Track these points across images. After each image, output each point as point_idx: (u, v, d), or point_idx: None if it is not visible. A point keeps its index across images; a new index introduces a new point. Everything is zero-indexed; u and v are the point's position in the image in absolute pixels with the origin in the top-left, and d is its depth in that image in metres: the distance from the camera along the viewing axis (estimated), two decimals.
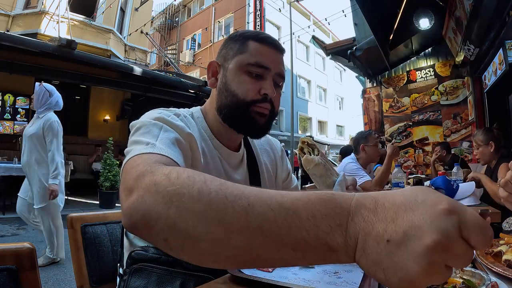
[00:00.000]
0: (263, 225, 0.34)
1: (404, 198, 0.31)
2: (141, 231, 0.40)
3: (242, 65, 0.81)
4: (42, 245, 3.73)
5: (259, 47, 0.82)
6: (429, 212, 0.29)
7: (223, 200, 0.36)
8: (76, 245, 0.90)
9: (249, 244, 0.35)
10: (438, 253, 0.28)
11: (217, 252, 0.36)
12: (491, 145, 2.27)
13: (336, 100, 26.45)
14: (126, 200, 0.43)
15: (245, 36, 0.84)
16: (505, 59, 3.59)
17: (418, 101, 6.70)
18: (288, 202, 0.35)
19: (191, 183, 0.39)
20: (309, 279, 0.62)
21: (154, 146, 0.57)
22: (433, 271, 0.28)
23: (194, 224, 0.36)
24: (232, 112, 0.81)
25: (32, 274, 0.61)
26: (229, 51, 0.85)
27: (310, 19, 20.62)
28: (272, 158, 1.03)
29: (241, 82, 0.81)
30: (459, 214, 0.29)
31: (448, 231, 0.28)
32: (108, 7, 9.94)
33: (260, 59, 0.81)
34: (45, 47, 6.17)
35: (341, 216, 0.32)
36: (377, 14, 4.21)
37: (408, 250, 0.28)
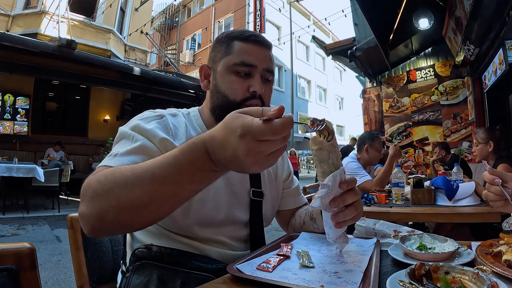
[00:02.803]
0: (164, 180, 0.51)
1: (222, 134, 0.49)
2: (99, 228, 0.55)
3: (229, 66, 0.83)
4: (42, 245, 3.73)
5: (243, 46, 0.84)
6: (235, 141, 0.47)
7: (137, 177, 0.53)
8: (76, 245, 0.90)
9: (164, 192, 0.52)
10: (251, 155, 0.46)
11: (152, 210, 0.53)
12: (490, 144, 2.27)
13: (336, 100, 26.44)
14: (80, 210, 0.57)
15: (230, 37, 0.86)
16: (505, 59, 3.59)
17: (418, 101, 6.70)
18: (172, 159, 0.52)
19: (114, 178, 0.55)
20: (309, 279, 0.62)
21: (114, 157, 0.68)
22: (259, 160, 0.47)
23: (129, 200, 0.52)
24: (224, 112, 0.81)
25: (32, 274, 0.61)
26: (217, 53, 0.87)
27: (310, 19, 20.62)
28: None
29: (230, 83, 0.82)
30: (249, 132, 0.46)
31: (247, 146, 0.46)
32: (108, 7, 9.94)
33: (245, 58, 0.82)
34: (45, 47, 6.18)
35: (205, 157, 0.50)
36: (377, 14, 4.20)
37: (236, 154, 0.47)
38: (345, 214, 0.70)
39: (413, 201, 1.96)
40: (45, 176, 5.42)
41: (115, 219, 0.53)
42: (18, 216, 5.19)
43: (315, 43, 8.58)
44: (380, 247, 0.83)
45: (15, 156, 6.30)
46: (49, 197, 6.10)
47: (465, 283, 0.56)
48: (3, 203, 5.30)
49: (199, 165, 0.51)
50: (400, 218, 1.79)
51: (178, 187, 0.52)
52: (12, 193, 5.67)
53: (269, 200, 0.95)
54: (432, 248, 0.79)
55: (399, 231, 0.98)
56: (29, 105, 8.16)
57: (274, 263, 0.67)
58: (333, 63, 22.57)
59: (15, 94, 7.87)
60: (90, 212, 0.55)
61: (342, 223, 0.71)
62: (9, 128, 7.87)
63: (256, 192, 0.90)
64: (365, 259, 0.72)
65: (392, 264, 0.73)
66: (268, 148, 0.47)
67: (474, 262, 0.68)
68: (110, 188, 0.54)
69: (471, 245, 0.79)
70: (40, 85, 8.30)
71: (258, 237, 0.90)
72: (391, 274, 0.60)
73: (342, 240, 0.75)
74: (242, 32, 0.86)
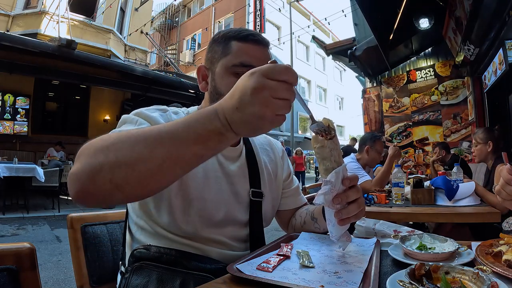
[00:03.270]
0: (170, 135, 0.51)
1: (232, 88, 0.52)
2: (88, 188, 0.51)
3: (227, 67, 0.81)
4: (42, 245, 3.73)
5: (241, 47, 0.82)
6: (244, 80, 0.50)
7: (142, 133, 0.53)
8: (76, 245, 0.90)
9: (166, 149, 0.50)
10: (259, 91, 0.48)
11: (149, 168, 0.51)
12: (489, 145, 2.27)
13: (336, 100, 26.45)
14: (71, 170, 0.54)
15: (227, 37, 0.84)
16: (505, 59, 3.58)
17: (418, 101, 6.70)
18: (180, 120, 0.53)
19: (118, 135, 0.54)
20: (309, 279, 0.62)
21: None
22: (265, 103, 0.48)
23: (129, 154, 0.51)
24: None
25: (32, 274, 0.61)
26: (214, 54, 0.85)
27: (310, 19, 20.63)
28: (272, 158, 1.01)
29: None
30: (258, 70, 0.49)
31: (256, 80, 0.48)
32: (108, 7, 9.95)
33: (243, 59, 0.80)
34: (45, 47, 6.18)
35: (212, 113, 0.51)
36: (377, 14, 4.21)
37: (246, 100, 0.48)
38: (348, 211, 0.70)
39: (413, 201, 1.96)
40: (45, 176, 5.42)
41: (107, 175, 0.50)
42: (18, 216, 5.19)
43: (315, 43, 8.60)
44: (380, 247, 0.83)
45: (15, 156, 6.30)
46: (49, 197, 6.10)
47: (465, 283, 0.56)
48: (3, 203, 5.30)
49: (206, 122, 0.51)
50: (400, 218, 1.79)
51: (182, 146, 0.51)
52: (12, 193, 5.67)
53: (269, 201, 0.94)
54: (432, 248, 0.79)
55: (399, 231, 0.98)
56: (29, 105, 8.16)
57: (274, 263, 0.67)
58: (333, 63, 22.60)
59: (15, 94, 7.88)
60: (83, 168, 0.52)
61: (346, 220, 0.71)
62: (9, 128, 7.87)
63: (255, 192, 0.89)
64: (365, 259, 0.72)
65: (392, 264, 0.73)
66: (275, 86, 0.48)
67: (474, 262, 0.68)
68: (112, 143, 0.52)
69: (471, 245, 0.79)
70: (40, 85, 8.30)
71: (257, 238, 0.89)
72: (391, 274, 0.60)
73: (345, 238, 0.76)
74: (239, 32, 0.84)
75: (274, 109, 0.49)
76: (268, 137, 1.08)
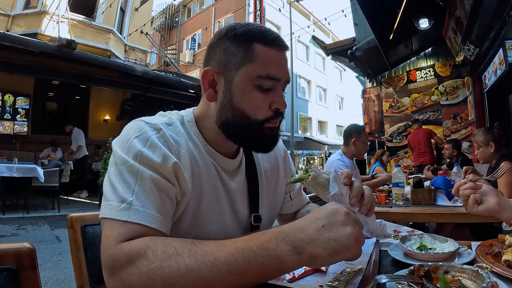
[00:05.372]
0: (230, 267, 0.48)
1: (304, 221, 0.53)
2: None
3: (251, 78, 0.68)
4: (42, 245, 3.73)
5: (268, 53, 0.69)
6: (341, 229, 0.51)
7: (196, 262, 0.49)
8: (76, 245, 0.90)
9: (226, 285, 0.49)
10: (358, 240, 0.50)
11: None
12: (491, 145, 2.25)
13: (336, 100, 26.44)
14: (112, 280, 0.52)
15: (248, 37, 0.69)
16: (505, 59, 3.58)
17: (418, 101, 6.70)
18: (241, 243, 0.50)
19: (167, 257, 0.50)
20: (308, 279, 0.62)
21: (129, 208, 0.57)
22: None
23: (180, 286, 0.48)
24: (242, 133, 0.71)
25: (32, 274, 0.61)
26: (230, 57, 0.69)
27: (310, 19, 20.61)
28: (274, 164, 0.92)
29: (252, 100, 0.69)
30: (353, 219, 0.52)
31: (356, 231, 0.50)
32: (108, 7, 9.94)
33: (271, 70, 0.68)
34: (45, 47, 6.17)
35: (280, 235, 0.50)
36: (377, 14, 4.20)
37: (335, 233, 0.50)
38: (366, 200, 0.70)
39: (413, 201, 1.96)
40: (45, 176, 5.42)
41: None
42: (18, 216, 5.19)
43: (315, 43, 8.57)
44: (380, 247, 0.83)
45: (15, 156, 6.29)
46: (49, 197, 6.09)
47: (464, 283, 0.56)
48: (3, 203, 5.29)
49: (272, 248, 0.49)
50: (400, 218, 1.79)
51: (240, 277, 0.49)
52: (12, 193, 5.66)
53: (265, 223, 0.86)
54: (433, 248, 0.79)
55: (399, 231, 0.98)
56: (29, 105, 8.16)
57: None
58: (333, 63, 22.58)
59: (15, 94, 7.87)
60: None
61: (371, 209, 0.72)
62: (9, 128, 7.87)
63: (256, 217, 0.81)
64: (364, 259, 0.72)
65: (392, 264, 0.72)
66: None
67: (474, 262, 0.68)
68: (170, 271, 0.49)
69: (471, 245, 0.79)
70: (40, 85, 8.30)
71: None
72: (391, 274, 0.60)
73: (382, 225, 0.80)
74: (262, 32, 0.70)
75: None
76: None
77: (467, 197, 0.83)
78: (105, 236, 0.56)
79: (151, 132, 0.66)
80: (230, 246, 0.50)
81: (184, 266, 0.48)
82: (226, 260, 0.49)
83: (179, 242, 0.52)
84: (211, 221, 0.72)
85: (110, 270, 0.53)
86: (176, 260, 0.49)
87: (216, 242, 0.52)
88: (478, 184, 0.84)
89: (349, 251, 0.49)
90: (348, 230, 0.49)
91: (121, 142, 0.65)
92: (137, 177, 0.60)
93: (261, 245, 0.49)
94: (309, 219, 0.52)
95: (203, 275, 0.48)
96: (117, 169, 0.62)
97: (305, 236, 0.49)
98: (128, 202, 0.57)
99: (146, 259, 0.50)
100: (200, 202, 0.70)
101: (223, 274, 0.48)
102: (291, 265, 0.49)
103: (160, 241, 0.53)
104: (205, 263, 0.49)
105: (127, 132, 0.66)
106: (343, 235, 0.49)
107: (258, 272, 0.49)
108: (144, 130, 0.65)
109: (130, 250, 0.52)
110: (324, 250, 0.48)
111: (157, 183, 0.61)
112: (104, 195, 0.61)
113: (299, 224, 0.51)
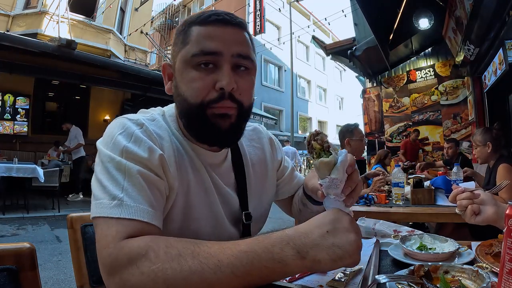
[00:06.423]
0: (234, 270, 0.48)
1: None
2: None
3: (186, 59, 0.65)
4: (42, 245, 3.73)
5: (202, 30, 0.65)
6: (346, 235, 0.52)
7: (199, 264, 0.49)
8: (76, 245, 0.90)
9: (229, 287, 0.49)
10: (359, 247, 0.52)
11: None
12: (488, 145, 2.26)
13: (336, 100, 26.44)
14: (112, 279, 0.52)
15: (188, 24, 0.68)
16: (505, 59, 3.58)
17: (418, 101, 6.70)
18: (244, 246, 0.50)
19: (169, 258, 0.49)
20: (308, 279, 0.62)
21: (121, 204, 0.56)
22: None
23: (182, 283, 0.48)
24: (188, 120, 0.68)
25: (32, 274, 0.61)
26: (175, 47, 0.70)
27: (310, 19, 20.61)
28: (261, 157, 0.87)
29: (190, 81, 0.65)
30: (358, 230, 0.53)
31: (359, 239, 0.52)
32: (108, 7, 9.94)
33: (204, 45, 0.64)
34: (45, 47, 6.18)
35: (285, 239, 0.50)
36: (377, 14, 4.20)
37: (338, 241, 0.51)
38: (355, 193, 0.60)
39: (413, 201, 1.96)
40: (45, 176, 5.42)
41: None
42: (18, 216, 5.19)
43: (315, 43, 8.57)
44: (380, 247, 0.83)
45: (15, 156, 6.30)
46: (49, 197, 6.09)
47: (464, 283, 0.56)
48: (3, 203, 5.29)
49: (276, 251, 0.49)
50: (400, 218, 1.79)
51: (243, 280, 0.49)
52: (12, 193, 5.66)
53: (257, 217, 0.83)
54: (433, 248, 0.79)
55: (399, 231, 0.98)
56: (29, 105, 8.16)
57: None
58: (333, 63, 22.56)
59: (15, 94, 7.87)
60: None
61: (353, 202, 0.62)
62: (9, 128, 7.87)
63: (247, 214, 0.78)
64: (364, 259, 0.72)
65: (392, 264, 0.73)
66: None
67: (474, 262, 0.68)
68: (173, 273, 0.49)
69: (471, 245, 0.79)
70: (40, 85, 8.30)
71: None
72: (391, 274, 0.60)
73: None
74: (202, 14, 0.68)
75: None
76: (256, 129, 0.91)
77: (465, 207, 0.82)
78: (101, 235, 0.55)
79: (135, 127, 0.65)
80: (234, 249, 0.50)
81: (187, 268, 0.48)
82: (230, 263, 0.49)
83: (181, 243, 0.52)
84: (202, 215, 0.70)
85: (109, 269, 0.52)
86: (179, 262, 0.49)
87: (219, 243, 0.52)
88: (476, 193, 0.82)
89: (351, 257, 0.49)
90: (352, 237, 0.50)
91: (105, 141, 0.64)
92: (125, 173, 0.59)
93: (265, 249, 0.50)
94: (314, 224, 0.52)
95: (206, 278, 0.48)
96: (104, 167, 0.61)
97: (310, 241, 0.50)
98: (119, 198, 0.56)
99: (147, 260, 0.49)
100: (188, 196, 0.68)
101: (227, 277, 0.48)
102: (294, 269, 0.50)
103: (162, 242, 0.52)
104: (208, 265, 0.48)
105: (110, 130, 0.66)
106: (347, 242, 0.49)
107: (261, 275, 0.49)
108: (127, 126, 0.65)
109: (131, 249, 0.51)
110: (328, 256, 0.49)
111: (146, 177, 0.60)
112: (93, 195, 0.60)
113: (303, 229, 0.52)
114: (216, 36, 0.64)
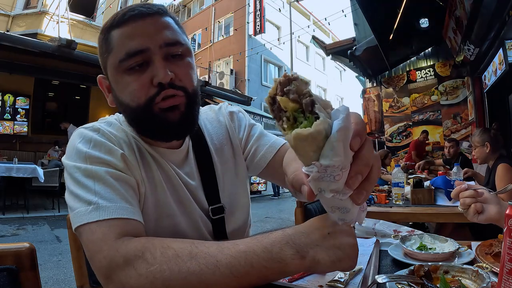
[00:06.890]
0: (233, 270, 0.48)
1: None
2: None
3: (116, 66, 0.64)
4: (42, 245, 3.73)
5: (122, 32, 0.63)
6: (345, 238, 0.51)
7: (197, 264, 0.48)
8: (76, 245, 0.90)
9: (227, 287, 0.48)
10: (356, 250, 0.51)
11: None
12: (487, 146, 2.27)
13: (336, 100, 26.45)
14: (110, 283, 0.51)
15: (106, 29, 0.65)
16: (505, 59, 3.59)
17: (418, 101, 6.70)
18: (243, 246, 0.50)
19: (167, 259, 0.49)
20: (308, 279, 0.62)
21: (97, 207, 0.56)
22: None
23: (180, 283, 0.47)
24: (138, 124, 0.68)
25: (32, 274, 0.61)
26: (102, 57, 0.68)
27: (310, 19, 20.61)
28: (224, 136, 0.82)
29: (126, 87, 0.64)
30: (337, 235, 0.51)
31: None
32: (108, 7, 9.94)
33: (128, 47, 0.61)
34: (45, 47, 6.17)
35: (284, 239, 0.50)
36: (377, 14, 4.21)
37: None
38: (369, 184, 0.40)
39: (413, 201, 1.96)
40: (45, 176, 5.42)
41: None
42: (18, 216, 5.19)
43: (315, 43, 8.57)
44: (380, 247, 0.83)
45: (15, 156, 6.30)
46: (49, 197, 6.10)
47: (464, 283, 0.56)
48: (3, 203, 5.30)
49: (276, 251, 0.49)
50: (400, 218, 1.79)
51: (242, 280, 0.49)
52: (12, 193, 5.67)
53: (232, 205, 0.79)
54: (433, 248, 0.79)
55: (399, 231, 0.98)
56: (29, 105, 8.16)
57: None
58: (333, 63, 22.57)
59: (15, 94, 7.87)
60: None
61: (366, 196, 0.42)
62: (9, 128, 7.87)
63: (216, 208, 0.75)
64: (364, 259, 0.72)
65: (392, 264, 0.73)
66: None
67: (474, 262, 0.68)
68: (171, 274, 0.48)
69: (471, 245, 0.79)
70: (40, 85, 8.30)
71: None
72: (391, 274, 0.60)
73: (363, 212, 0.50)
74: (116, 15, 0.65)
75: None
76: (216, 111, 0.86)
77: (468, 206, 0.81)
78: (89, 242, 0.54)
79: (91, 133, 0.65)
80: (232, 249, 0.50)
81: (186, 269, 0.48)
82: (229, 263, 0.48)
83: (178, 243, 0.52)
84: (175, 212, 0.69)
85: (106, 272, 0.51)
86: (177, 262, 0.49)
87: (218, 243, 0.52)
88: (479, 192, 0.82)
89: (350, 260, 0.49)
90: (352, 240, 0.50)
91: (68, 154, 0.64)
92: (94, 178, 0.59)
93: (264, 248, 0.49)
94: (314, 225, 0.52)
95: (205, 278, 0.48)
96: (73, 178, 0.61)
97: (310, 241, 0.49)
98: (94, 203, 0.56)
99: (144, 261, 0.49)
100: (156, 193, 0.68)
101: (225, 277, 0.48)
102: (293, 269, 0.50)
103: (157, 242, 0.52)
104: (207, 266, 0.48)
105: (70, 143, 0.66)
106: (348, 244, 0.49)
107: (260, 274, 0.49)
108: (85, 134, 0.65)
109: (127, 251, 0.51)
110: (328, 257, 0.48)
111: (115, 176, 0.60)
112: (69, 208, 0.60)
113: (304, 229, 0.51)
114: (136, 33, 0.62)
